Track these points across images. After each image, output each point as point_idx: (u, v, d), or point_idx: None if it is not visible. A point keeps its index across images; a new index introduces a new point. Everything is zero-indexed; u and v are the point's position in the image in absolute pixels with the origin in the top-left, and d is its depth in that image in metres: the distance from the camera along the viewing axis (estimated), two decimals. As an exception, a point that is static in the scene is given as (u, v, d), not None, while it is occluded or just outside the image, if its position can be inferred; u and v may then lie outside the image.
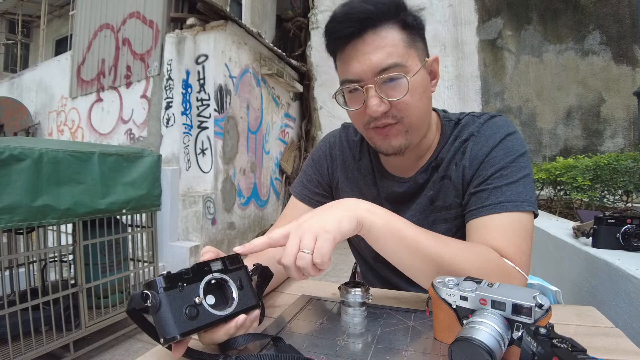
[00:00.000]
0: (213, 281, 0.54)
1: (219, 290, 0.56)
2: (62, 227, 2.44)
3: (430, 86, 0.80)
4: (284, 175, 6.62)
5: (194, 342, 0.55)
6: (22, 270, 2.45)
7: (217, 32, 4.70)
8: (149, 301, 0.48)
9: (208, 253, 0.59)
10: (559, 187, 2.55)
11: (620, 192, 2.15)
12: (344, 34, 0.72)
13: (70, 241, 2.39)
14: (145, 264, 2.84)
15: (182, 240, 4.57)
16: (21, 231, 2.26)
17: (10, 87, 7.34)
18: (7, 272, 2.24)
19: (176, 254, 4.35)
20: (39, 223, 2.00)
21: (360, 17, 0.70)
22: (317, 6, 6.94)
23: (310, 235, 0.57)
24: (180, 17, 4.93)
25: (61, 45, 7.82)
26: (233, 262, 0.58)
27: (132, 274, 2.78)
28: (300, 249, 0.56)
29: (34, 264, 2.53)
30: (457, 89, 5.85)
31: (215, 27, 4.69)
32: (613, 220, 1.16)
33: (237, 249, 0.58)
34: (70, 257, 2.56)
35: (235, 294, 0.55)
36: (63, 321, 2.19)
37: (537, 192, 2.81)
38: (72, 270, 2.52)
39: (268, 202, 6.10)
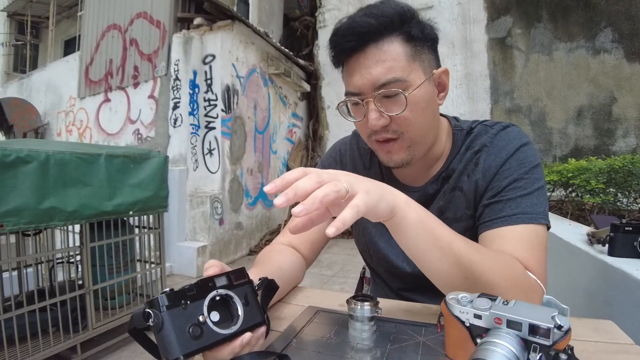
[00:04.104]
0: (217, 297, 0.53)
1: (224, 306, 0.54)
2: (71, 227, 2.45)
3: (437, 99, 0.78)
4: (291, 175, 6.61)
5: (198, 358, 0.53)
6: (30, 270, 2.47)
7: (224, 32, 4.70)
8: (150, 320, 0.47)
9: (212, 267, 0.57)
10: (570, 189, 2.51)
11: (634, 195, 2.10)
12: (346, 47, 0.73)
13: (78, 242, 2.39)
14: (153, 265, 2.84)
15: (189, 241, 4.60)
16: (28, 233, 2.27)
17: (20, 87, 7.42)
18: (15, 273, 2.25)
19: (183, 254, 4.37)
20: (46, 225, 2.01)
21: (362, 30, 0.70)
22: (324, 5, 6.92)
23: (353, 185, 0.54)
24: (187, 17, 4.94)
25: (70, 46, 7.89)
26: (238, 277, 0.56)
27: (139, 275, 2.79)
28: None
29: (41, 265, 2.54)
30: (466, 88, 5.80)
31: (222, 27, 4.70)
32: (630, 228, 1.12)
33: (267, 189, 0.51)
34: (78, 258, 2.57)
35: (240, 311, 0.53)
36: (70, 322, 2.20)
37: (549, 194, 2.76)
38: (79, 271, 2.53)
39: (275, 202, 6.10)
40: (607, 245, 1.22)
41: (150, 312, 0.47)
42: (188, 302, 0.49)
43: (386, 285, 0.99)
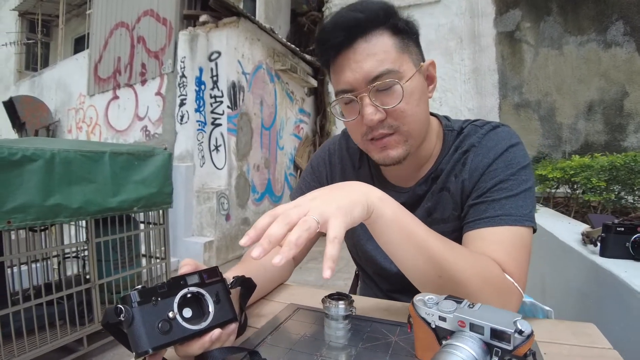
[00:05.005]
0: (189, 295, 0.54)
1: (197, 303, 0.56)
2: (80, 223, 2.50)
3: (427, 92, 0.77)
4: (299, 171, 6.63)
5: (173, 354, 0.55)
6: (39, 265, 2.52)
7: (229, 29, 4.71)
8: (122, 315, 0.49)
9: (186, 266, 0.59)
10: (575, 186, 2.47)
11: (638, 193, 2.05)
12: (334, 43, 0.71)
13: (84, 238, 2.44)
14: (157, 260, 2.89)
15: (196, 236, 4.65)
16: (35, 229, 2.32)
17: (32, 85, 7.54)
18: (24, 267, 2.30)
19: (190, 250, 4.42)
20: (52, 222, 2.05)
21: (349, 25, 0.69)
22: (331, 0, 6.88)
23: (321, 212, 0.52)
24: (193, 15, 4.96)
25: (80, 44, 7.99)
26: (211, 276, 0.58)
27: (144, 271, 2.83)
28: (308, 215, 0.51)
29: (48, 260, 2.60)
30: (474, 83, 5.73)
31: (228, 24, 4.71)
32: (622, 228, 1.10)
33: (242, 242, 0.52)
34: (86, 253, 2.62)
35: (211, 308, 0.55)
36: (77, 316, 2.25)
37: (553, 190, 2.73)
38: (86, 266, 2.58)
39: (282, 197, 6.13)
40: (598, 245, 1.20)
41: (122, 307, 0.49)
42: (159, 299, 0.51)
43: (376, 286, 0.99)
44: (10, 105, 6.37)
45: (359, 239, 0.94)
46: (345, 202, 0.55)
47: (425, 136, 0.80)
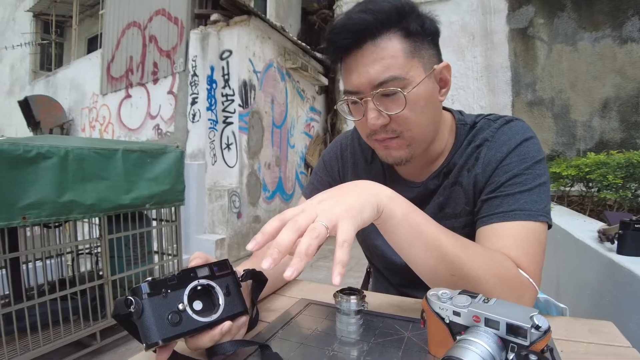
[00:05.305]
0: (199, 287, 0.54)
1: (207, 296, 0.56)
2: (95, 219, 2.54)
3: (439, 95, 0.75)
4: (310, 169, 6.63)
5: (183, 346, 0.55)
6: (53, 261, 2.56)
7: (240, 28, 4.73)
8: (132, 307, 0.49)
9: (196, 259, 0.59)
10: (590, 184, 2.42)
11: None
12: (342, 45, 0.70)
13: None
14: (169, 257, 2.91)
15: (208, 233, 4.68)
16: (50, 225, 2.36)
17: (46, 85, 7.67)
18: (39, 263, 2.34)
19: (202, 247, 4.45)
20: (66, 218, 2.08)
21: (358, 28, 0.67)
22: (342, -2, 6.86)
23: (330, 216, 0.51)
24: (204, 14, 4.99)
25: (93, 44, 8.09)
26: (221, 268, 0.58)
27: (156, 267, 2.86)
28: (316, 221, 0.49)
29: (62, 256, 2.64)
30: (487, 80, 5.65)
31: (239, 23, 4.72)
32: (640, 225, 1.07)
33: (249, 247, 0.50)
34: (99, 249, 2.66)
35: (221, 300, 0.55)
36: (90, 311, 2.28)
37: (567, 189, 2.68)
38: (99, 262, 2.62)
39: (293, 195, 6.14)
40: (616, 243, 1.17)
41: (132, 299, 0.49)
42: (169, 290, 0.51)
43: (386, 281, 0.98)
44: (25, 105, 6.49)
45: (368, 235, 0.93)
46: (354, 203, 0.54)
47: (433, 138, 0.78)
